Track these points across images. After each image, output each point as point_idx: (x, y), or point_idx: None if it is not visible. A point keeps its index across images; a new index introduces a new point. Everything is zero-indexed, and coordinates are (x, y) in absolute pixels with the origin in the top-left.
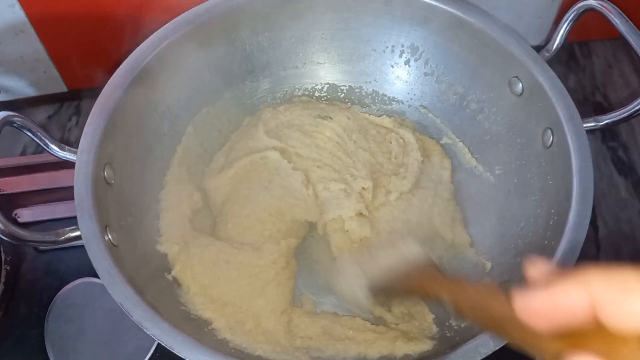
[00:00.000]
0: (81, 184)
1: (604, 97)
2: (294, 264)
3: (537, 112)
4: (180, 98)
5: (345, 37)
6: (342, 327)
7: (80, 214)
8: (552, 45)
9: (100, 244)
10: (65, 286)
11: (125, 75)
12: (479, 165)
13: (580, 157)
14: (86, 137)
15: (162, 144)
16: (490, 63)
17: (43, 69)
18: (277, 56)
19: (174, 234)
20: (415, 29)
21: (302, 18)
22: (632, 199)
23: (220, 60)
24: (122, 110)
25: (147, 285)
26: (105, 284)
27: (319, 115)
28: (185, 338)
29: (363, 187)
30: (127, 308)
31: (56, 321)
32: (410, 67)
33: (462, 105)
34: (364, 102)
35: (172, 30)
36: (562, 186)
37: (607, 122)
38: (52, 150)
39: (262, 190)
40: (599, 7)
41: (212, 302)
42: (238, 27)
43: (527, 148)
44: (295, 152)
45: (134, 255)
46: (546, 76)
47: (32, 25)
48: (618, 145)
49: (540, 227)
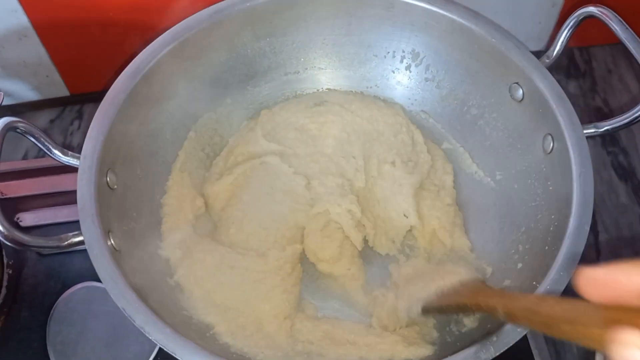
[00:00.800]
0: (84, 189)
1: (604, 102)
2: (300, 270)
3: (538, 118)
4: (182, 103)
5: (346, 42)
6: (344, 331)
7: (83, 219)
8: (552, 51)
9: (102, 248)
10: (67, 290)
11: (128, 81)
12: (479, 170)
13: (581, 163)
14: (89, 142)
15: (164, 149)
16: (491, 69)
17: (45, 74)
18: (278, 61)
19: (176, 239)
20: (416, 34)
21: (303, 24)
22: (632, 204)
23: (222, 65)
24: (125, 117)
25: (149, 290)
26: (108, 289)
27: (314, 103)
28: (186, 343)
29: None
30: (129, 313)
31: (58, 325)
32: (411, 73)
33: (463, 111)
34: None
35: (174, 36)
36: (562, 192)
37: (607, 129)
38: (55, 156)
39: (264, 196)
40: (599, 14)
41: (215, 307)
42: (240, 33)
43: (527, 154)
44: (294, 153)
45: (136, 260)
46: (546, 82)
47: (35, 30)
48: (618, 151)
49: (540, 232)
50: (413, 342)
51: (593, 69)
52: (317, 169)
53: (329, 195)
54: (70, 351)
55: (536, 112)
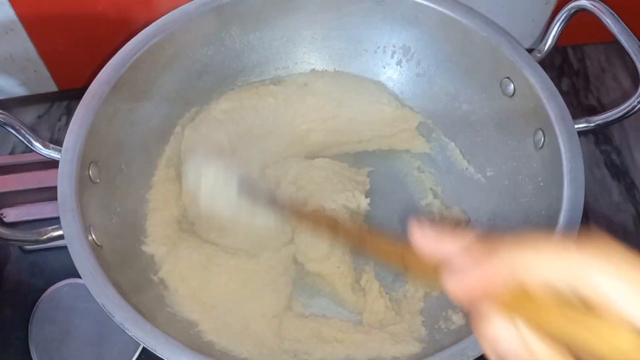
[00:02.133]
0: (65, 183)
1: (598, 100)
2: (293, 270)
3: (529, 113)
4: (168, 97)
5: (336, 37)
6: (331, 329)
7: (63, 212)
8: (543, 46)
9: (83, 243)
10: (51, 287)
11: (112, 74)
12: (470, 167)
13: (572, 158)
14: (71, 135)
15: (149, 143)
16: (482, 64)
17: (33, 69)
18: (267, 56)
19: (161, 235)
20: (407, 29)
21: (293, 18)
22: (624, 202)
23: (210, 59)
24: (108, 110)
25: (132, 286)
26: (87, 284)
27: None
28: (168, 340)
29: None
30: (109, 309)
31: (41, 323)
32: (402, 68)
33: (454, 107)
34: None
35: (160, 28)
36: (553, 188)
37: (598, 123)
38: (36, 148)
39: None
40: (591, 7)
41: (200, 305)
42: (228, 26)
43: (518, 149)
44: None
45: (119, 255)
46: (537, 77)
47: (22, 24)
48: (611, 149)
49: (531, 229)
50: (401, 339)
51: (587, 67)
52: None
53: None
54: (53, 349)
55: (527, 107)
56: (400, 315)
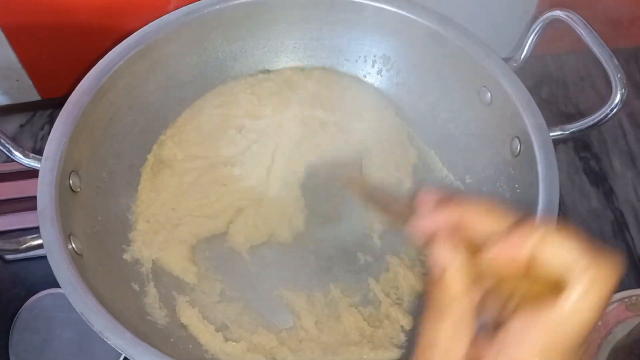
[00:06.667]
0: (44, 192)
1: (577, 108)
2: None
3: (506, 121)
4: (150, 106)
5: (317, 47)
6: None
7: (42, 221)
8: (520, 55)
9: (62, 252)
10: (32, 297)
11: (93, 82)
12: (449, 174)
13: (546, 165)
14: (51, 144)
15: (132, 152)
16: (460, 73)
17: (16, 77)
18: (249, 65)
19: (144, 243)
20: (387, 39)
21: (274, 28)
22: (603, 208)
23: (192, 68)
24: (89, 118)
25: (113, 295)
26: (66, 293)
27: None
28: (147, 349)
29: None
30: (88, 317)
31: (21, 333)
32: (383, 77)
33: (434, 115)
34: None
35: (142, 38)
36: (529, 194)
37: (572, 131)
38: (16, 158)
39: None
40: (565, 17)
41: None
42: (210, 36)
43: (496, 157)
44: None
45: (100, 264)
46: (513, 85)
47: (4, 33)
48: (590, 156)
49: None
50: (380, 345)
51: (566, 75)
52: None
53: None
54: (34, 359)
55: (504, 115)
56: (379, 321)
